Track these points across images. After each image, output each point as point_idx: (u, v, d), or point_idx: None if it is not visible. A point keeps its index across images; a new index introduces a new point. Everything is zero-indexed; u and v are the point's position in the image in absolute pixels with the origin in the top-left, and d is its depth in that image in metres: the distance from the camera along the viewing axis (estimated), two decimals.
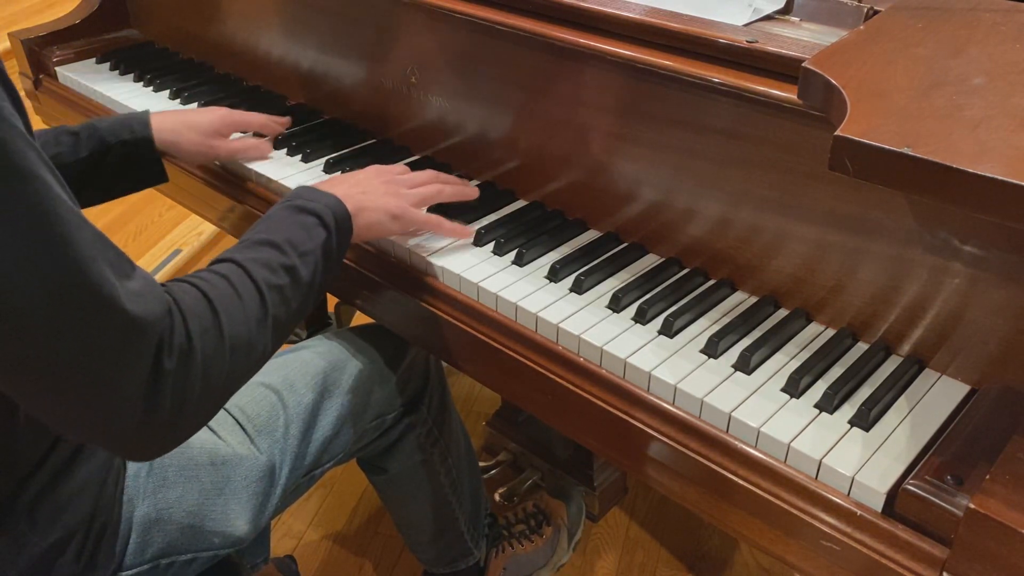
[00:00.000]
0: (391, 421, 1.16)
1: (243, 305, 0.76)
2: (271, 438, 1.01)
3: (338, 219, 0.91)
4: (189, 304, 0.71)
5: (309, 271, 0.85)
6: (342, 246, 0.93)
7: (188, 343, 0.69)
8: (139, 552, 0.90)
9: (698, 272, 1.02)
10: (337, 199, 0.93)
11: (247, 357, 0.76)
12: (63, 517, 0.83)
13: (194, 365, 0.69)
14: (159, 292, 0.69)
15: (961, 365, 0.85)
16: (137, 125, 1.14)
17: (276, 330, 0.80)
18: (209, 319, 0.72)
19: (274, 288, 0.80)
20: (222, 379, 0.72)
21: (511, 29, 1.05)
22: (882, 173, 0.66)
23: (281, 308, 0.80)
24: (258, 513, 0.99)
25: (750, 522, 0.81)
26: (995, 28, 0.84)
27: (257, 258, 0.81)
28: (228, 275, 0.78)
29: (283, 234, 0.85)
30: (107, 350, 0.64)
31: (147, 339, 0.65)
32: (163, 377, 0.67)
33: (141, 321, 0.65)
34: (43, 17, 1.79)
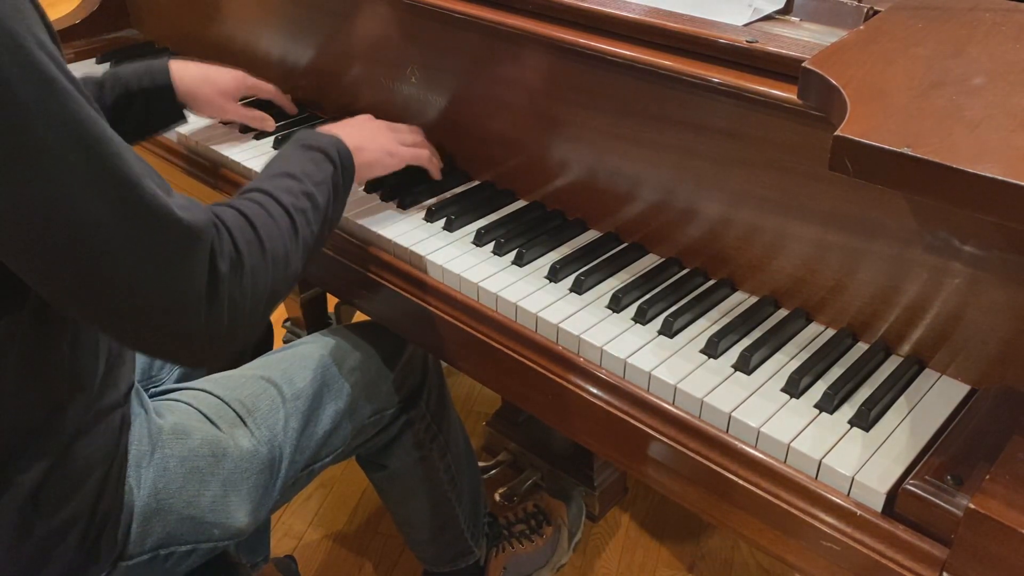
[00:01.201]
0: (390, 417, 1.16)
1: (276, 224, 0.83)
2: (271, 431, 1.02)
3: (342, 155, 0.99)
4: (231, 219, 0.78)
5: (325, 199, 0.93)
6: (347, 180, 1.00)
7: (236, 252, 0.76)
8: (140, 541, 0.91)
9: (698, 272, 1.02)
10: (338, 138, 1.01)
11: (285, 270, 0.83)
12: (67, 504, 0.84)
13: (244, 272, 0.76)
14: (202, 206, 0.75)
15: (961, 365, 0.85)
16: (159, 74, 1.19)
17: (304, 250, 0.87)
18: (251, 233, 0.79)
19: (299, 211, 0.87)
20: (267, 288, 0.79)
21: (511, 29, 1.05)
22: (882, 173, 0.66)
23: (307, 229, 0.88)
24: (258, 506, 0.99)
25: (750, 522, 0.81)
26: (995, 28, 0.84)
27: (280, 186, 0.88)
28: (258, 200, 0.84)
29: (298, 167, 0.93)
30: (169, 256, 0.69)
31: (202, 245, 0.72)
32: (220, 281, 0.73)
33: (195, 228, 0.71)
34: None
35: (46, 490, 0.82)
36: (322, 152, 0.97)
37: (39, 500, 0.82)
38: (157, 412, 0.98)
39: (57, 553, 0.84)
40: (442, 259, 1.04)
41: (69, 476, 0.84)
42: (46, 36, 0.65)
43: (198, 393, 1.03)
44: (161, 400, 1.02)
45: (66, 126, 0.64)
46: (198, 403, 1.01)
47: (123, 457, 0.90)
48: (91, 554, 0.87)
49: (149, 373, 1.19)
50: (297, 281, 0.88)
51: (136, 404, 0.95)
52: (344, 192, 0.99)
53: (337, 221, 0.99)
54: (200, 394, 1.03)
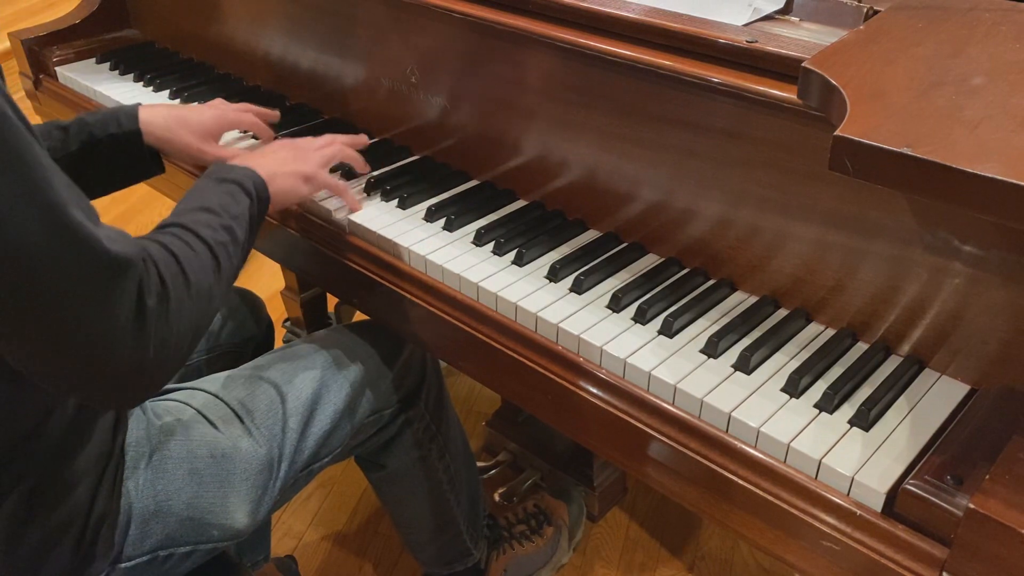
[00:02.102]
0: (388, 417, 1.16)
1: (199, 259, 0.82)
2: (270, 432, 1.02)
3: (256, 186, 0.98)
4: (156, 254, 0.77)
5: (243, 231, 0.92)
6: (262, 212, 0.99)
7: (162, 285, 0.75)
8: (138, 543, 0.91)
9: (698, 272, 1.02)
10: (251, 169, 0.99)
11: (208, 304, 0.82)
12: (61, 507, 0.84)
13: (170, 306, 0.75)
14: (130, 238, 0.74)
15: (961, 365, 0.85)
16: (125, 119, 1.12)
17: (226, 283, 0.87)
18: (175, 267, 0.78)
19: (220, 244, 0.86)
20: (193, 322, 0.78)
21: (511, 29, 1.05)
22: (882, 173, 0.66)
23: (227, 262, 0.87)
24: (257, 506, 0.99)
25: (750, 522, 0.81)
26: (995, 28, 0.84)
27: (199, 220, 0.87)
28: (179, 235, 0.84)
29: (215, 200, 0.92)
30: (96, 286, 0.68)
31: (129, 278, 0.70)
32: (147, 315, 0.72)
33: (123, 259, 0.70)
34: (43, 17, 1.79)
35: (39, 494, 0.82)
36: (237, 184, 0.95)
37: (33, 504, 0.82)
38: (155, 413, 0.97)
39: (53, 556, 0.84)
40: (442, 259, 1.04)
41: (62, 480, 0.84)
42: None
43: (196, 393, 1.03)
44: (159, 401, 1.02)
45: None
46: (196, 403, 1.01)
47: (119, 459, 0.90)
48: (88, 556, 0.87)
49: None
50: (215, 314, 0.87)
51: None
52: (258, 223, 0.98)
53: (249, 250, 0.97)
54: (198, 394, 1.03)
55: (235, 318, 1.31)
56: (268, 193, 1.00)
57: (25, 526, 0.82)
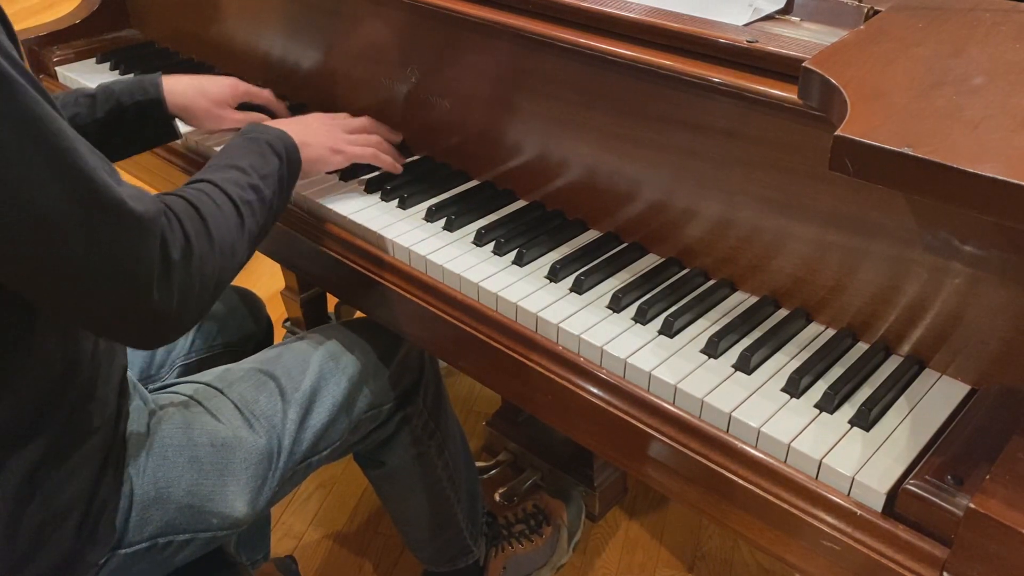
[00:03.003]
0: (387, 413, 1.17)
1: (223, 214, 0.86)
2: (269, 423, 1.03)
3: (288, 148, 1.02)
4: (180, 209, 0.81)
5: (271, 191, 0.96)
6: (292, 174, 1.03)
7: (186, 241, 0.79)
8: (138, 530, 0.92)
9: (698, 272, 1.02)
10: (284, 132, 1.03)
11: (232, 259, 0.86)
12: (63, 490, 0.85)
13: (193, 259, 0.79)
14: (152, 197, 0.78)
15: (961, 365, 0.85)
16: (151, 87, 1.19)
17: (250, 240, 0.91)
18: (199, 222, 0.82)
19: (245, 203, 0.90)
20: (215, 276, 0.82)
21: (512, 29, 1.05)
22: (882, 173, 0.66)
23: (252, 220, 0.91)
24: (256, 496, 1.00)
25: (750, 522, 0.81)
26: (995, 28, 0.84)
27: (227, 178, 0.91)
28: (206, 191, 0.87)
29: (245, 160, 0.95)
30: (122, 244, 0.72)
31: (153, 234, 0.74)
32: (171, 268, 0.76)
33: (146, 218, 0.73)
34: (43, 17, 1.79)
35: (41, 476, 0.83)
36: (269, 145, 0.99)
37: (35, 486, 0.83)
38: (156, 403, 0.99)
39: (55, 538, 0.85)
40: (442, 259, 1.04)
41: (64, 464, 0.85)
42: (2, 34, 0.67)
43: (197, 386, 1.04)
44: (161, 391, 1.03)
45: (21, 122, 0.66)
46: (197, 395, 1.02)
47: (121, 446, 0.91)
48: (89, 540, 0.88)
49: (148, 372, 1.19)
50: (241, 269, 0.91)
51: (134, 395, 0.96)
52: (289, 185, 1.02)
53: (281, 212, 1.02)
54: (199, 387, 1.04)
55: (235, 317, 1.31)
56: (299, 156, 1.03)
57: (27, 509, 0.83)
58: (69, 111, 1.13)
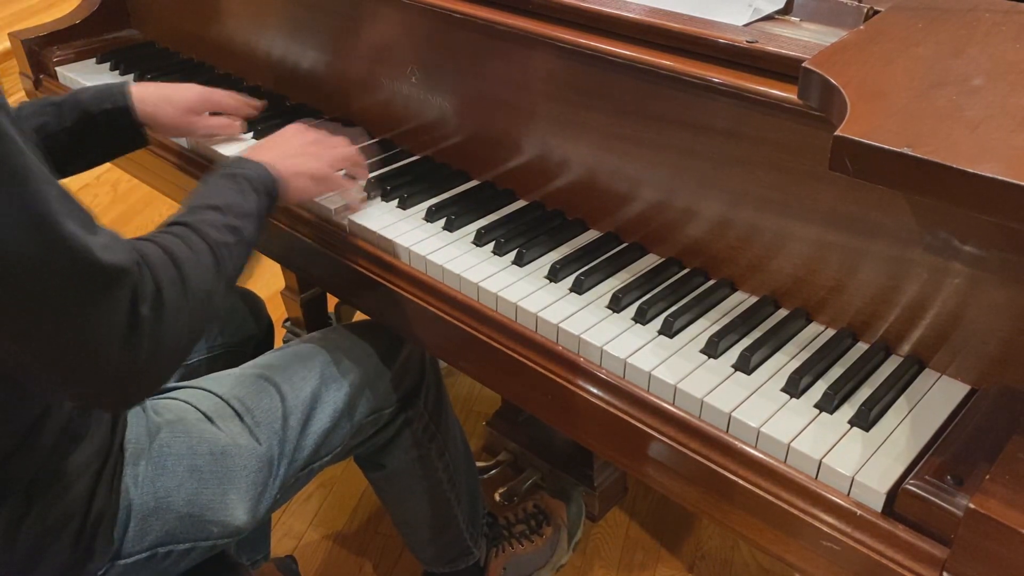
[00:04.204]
0: (388, 416, 1.16)
1: (199, 260, 0.82)
2: (270, 429, 1.02)
3: (267, 184, 0.98)
4: (154, 258, 0.76)
5: (250, 230, 0.92)
6: (271, 208, 1.00)
7: (158, 292, 0.74)
8: (137, 540, 0.91)
9: (698, 272, 1.02)
10: (264, 167, 1.00)
11: (206, 307, 0.82)
12: (60, 501, 0.84)
13: (165, 312, 0.74)
14: (126, 244, 0.73)
15: (961, 365, 0.85)
16: (119, 95, 1.18)
17: (227, 284, 0.87)
18: (173, 271, 0.77)
19: (223, 245, 0.86)
20: (188, 327, 0.78)
21: (511, 29, 1.05)
22: (882, 173, 0.66)
23: (229, 263, 0.87)
24: (256, 503, 1.00)
25: (750, 522, 0.81)
26: (995, 28, 0.84)
27: (204, 219, 0.87)
28: (182, 235, 0.83)
29: (223, 199, 0.92)
30: (87, 300, 0.68)
31: (122, 287, 0.70)
32: (140, 323, 0.72)
33: (115, 270, 0.69)
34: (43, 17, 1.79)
35: (38, 488, 0.83)
36: (248, 181, 0.96)
37: (31, 498, 0.82)
38: (155, 411, 0.98)
39: (52, 551, 0.84)
40: (442, 259, 1.04)
41: (61, 475, 0.84)
42: None
43: (196, 391, 1.03)
44: (159, 399, 1.02)
45: None
46: (196, 401, 1.01)
47: (118, 455, 0.90)
48: (87, 552, 0.87)
49: None
50: (216, 314, 0.88)
51: None
52: (267, 218, 0.99)
53: (256, 245, 0.98)
54: (198, 392, 1.03)
55: (235, 318, 1.31)
56: (278, 190, 1.00)
57: (23, 521, 0.82)
58: (36, 120, 1.11)
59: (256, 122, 1.34)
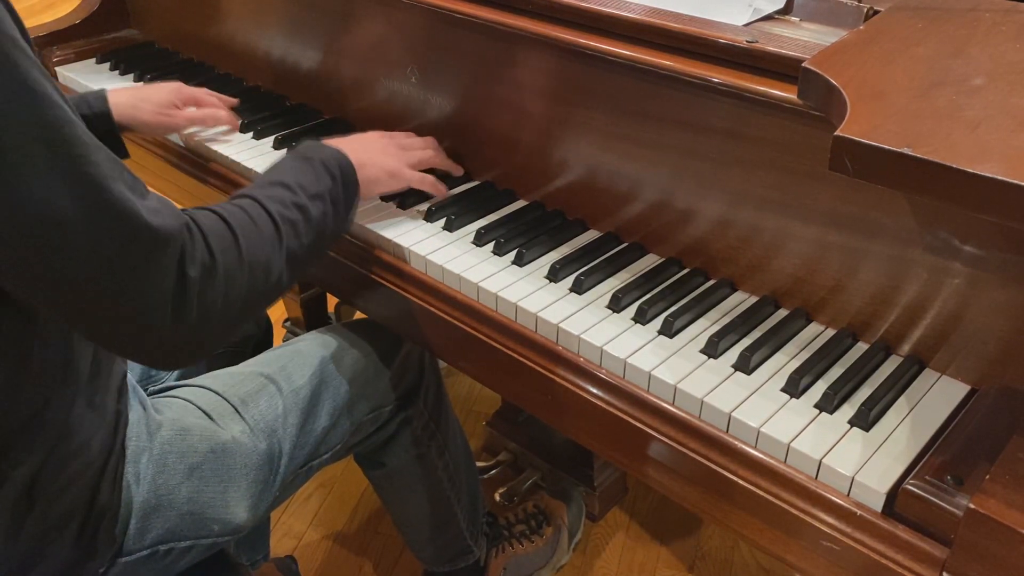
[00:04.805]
0: (387, 415, 1.16)
1: (259, 231, 0.83)
2: (270, 427, 1.02)
3: (343, 169, 0.99)
4: (208, 224, 0.78)
5: (319, 211, 0.92)
6: (348, 196, 0.99)
7: (210, 257, 0.76)
8: (138, 538, 0.91)
9: (698, 272, 1.02)
10: (341, 152, 1.00)
11: (265, 279, 0.82)
12: (62, 499, 0.84)
13: (217, 277, 0.76)
14: (175, 210, 0.75)
15: (961, 365, 0.85)
16: (95, 101, 1.19)
17: (291, 261, 0.87)
18: (229, 238, 0.79)
19: (287, 221, 0.87)
20: (243, 294, 0.79)
21: (511, 29, 1.05)
22: (882, 173, 0.66)
23: (294, 241, 0.87)
24: (257, 501, 1.00)
25: (750, 522, 0.82)
26: (995, 28, 0.84)
27: (271, 195, 0.88)
28: (244, 206, 0.84)
29: (293, 177, 0.92)
30: (134, 259, 0.70)
31: (169, 251, 0.72)
32: (188, 286, 0.73)
33: (162, 233, 0.71)
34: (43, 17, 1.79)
35: (40, 485, 0.83)
36: (323, 164, 0.97)
37: (33, 495, 0.82)
38: (156, 408, 0.98)
39: (53, 548, 0.85)
40: (442, 259, 1.04)
41: (63, 471, 0.84)
42: (19, 35, 0.66)
43: (196, 389, 1.04)
44: (160, 397, 1.03)
45: (33, 126, 0.64)
46: (196, 399, 1.02)
47: (120, 453, 0.91)
48: (88, 549, 0.87)
49: (148, 373, 1.19)
50: (282, 292, 0.88)
51: (134, 401, 0.95)
52: (345, 206, 0.99)
53: (339, 234, 0.99)
54: (199, 390, 1.03)
55: None
56: (356, 177, 1.00)
57: (25, 518, 0.82)
58: None
59: (255, 122, 1.35)
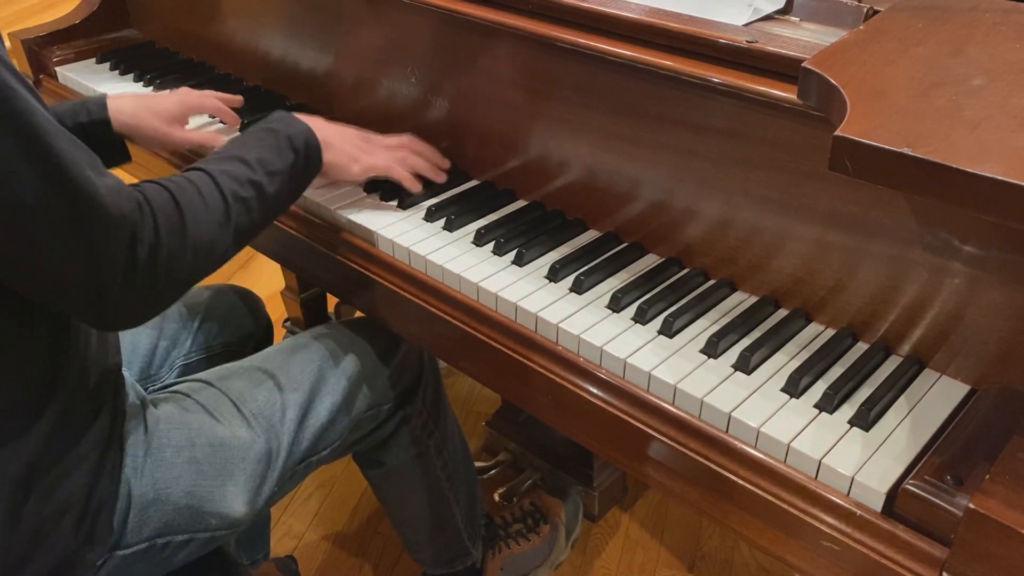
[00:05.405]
0: (386, 413, 1.16)
1: (207, 210, 0.85)
2: (268, 423, 1.03)
3: (308, 146, 1.00)
4: (159, 203, 0.81)
5: (275, 188, 0.94)
6: (310, 172, 1.01)
7: (156, 238, 0.79)
8: (136, 530, 0.92)
9: (698, 272, 1.02)
10: (309, 128, 1.01)
11: (207, 256, 0.86)
12: (59, 490, 0.85)
13: (160, 257, 0.79)
14: (129, 190, 0.78)
15: (961, 365, 0.85)
16: (94, 107, 1.16)
17: (237, 237, 0.89)
18: (176, 219, 0.81)
19: (239, 199, 0.89)
20: (184, 272, 0.83)
21: (511, 29, 1.05)
22: (882, 173, 0.66)
23: (244, 217, 0.90)
24: (255, 496, 1.00)
25: (750, 522, 0.81)
26: (995, 28, 0.84)
27: (227, 170, 0.90)
28: (196, 182, 0.86)
29: (255, 152, 0.94)
30: (89, 237, 0.73)
31: (122, 230, 0.75)
32: (136, 264, 0.77)
33: (117, 213, 0.75)
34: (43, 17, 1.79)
35: (37, 476, 0.83)
36: (289, 139, 0.98)
37: (29, 485, 0.83)
38: (154, 403, 0.99)
39: (51, 539, 0.85)
40: (442, 259, 1.04)
41: (58, 463, 0.85)
42: None
43: (196, 384, 1.04)
44: (159, 392, 1.03)
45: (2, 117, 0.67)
46: (196, 394, 1.02)
47: (118, 446, 0.91)
48: (86, 541, 0.88)
49: (148, 372, 1.19)
50: (225, 262, 0.90)
51: (132, 395, 0.96)
52: (304, 181, 1.01)
53: (289, 206, 1.00)
54: (198, 385, 1.04)
55: (235, 317, 1.31)
56: (320, 155, 1.01)
57: (22, 509, 0.83)
58: None
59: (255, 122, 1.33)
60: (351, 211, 1.14)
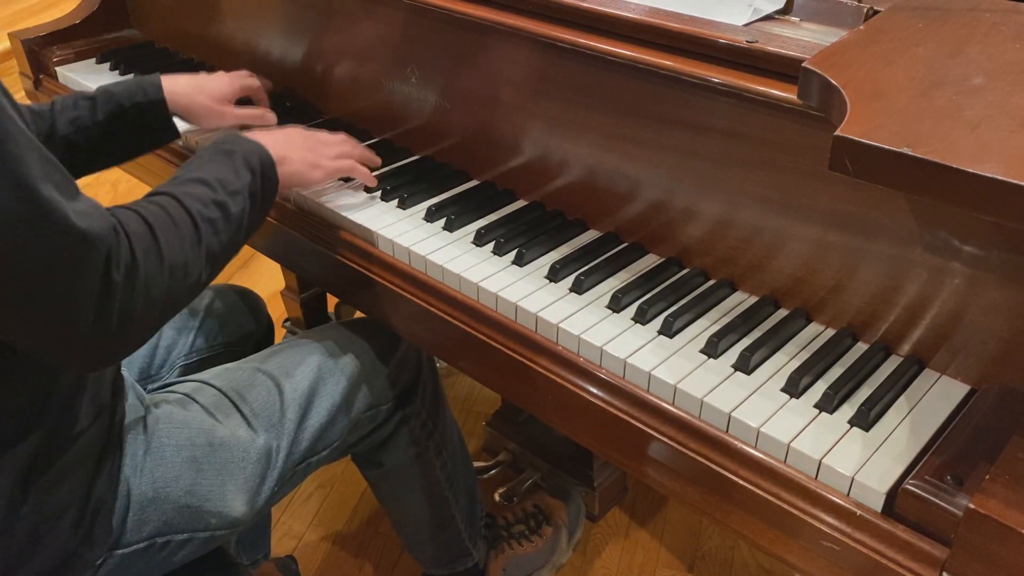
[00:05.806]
0: (385, 413, 1.17)
1: (179, 232, 0.83)
2: (268, 422, 1.03)
3: (263, 163, 0.98)
4: (132, 226, 0.78)
5: (238, 208, 0.92)
6: (268, 190, 0.99)
7: (133, 260, 0.76)
8: (136, 529, 0.92)
9: (698, 272, 1.02)
10: (261, 146, 1.00)
11: (184, 279, 0.82)
12: (58, 489, 0.85)
13: (138, 280, 0.76)
14: (104, 212, 0.75)
15: (961, 365, 0.85)
16: (151, 88, 1.18)
17: (209, 259, 0.87)
18: (150, 240, 0.79)
19: (207, 220, 0.87)
20: (162, 296, 0.79)
21: (511, 29, 1.05)
22: (882, 173, 0.66)
23: (214, 239, 0.87)
24: (254, 496, 1.00)
25: (750, 522, 0.81)
26: (995, 28, 0.84)
27: (190, 192, 0.88)
28: (164, 205, 0.84)
29: (213, 173, 0.92)
30: (61, 264, 0.70)
31: (97, 253, 0.72)
32: (112, 289, 0.73)
33: (91, 236, 0.71)
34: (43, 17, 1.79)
35: (34, 475, 0.83)
36: (243, 159, 0.96)
37: (28, 485, 0.83)
38: (154, 403, 0.99)
39: (51, 538, 0.85)
40: (442, 259, 1.04)
41: (57, 462, 0.85)
42: None
43: (196, 384, 1.04)
44: (159, 391, 1.03)
45: None
46: (195, 394, 1.02)
47: (118, 445, 0.91)
48: (85, 541, 0.88)
49: (148, 372, 1.20)
50: (201, 289, 0.88)
51: (132, 395, 0.96)
52: (265, 201, 0.99)
53: (255, 228, 0.98)
54: (198, 385, 1.04)
55: (235, 317, 1.31)
56: (275, 172, 1.00)
57: (20, 508, 0.83)
58: (69, 114, 1.12)
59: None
60: (351, 211, 1.14)
